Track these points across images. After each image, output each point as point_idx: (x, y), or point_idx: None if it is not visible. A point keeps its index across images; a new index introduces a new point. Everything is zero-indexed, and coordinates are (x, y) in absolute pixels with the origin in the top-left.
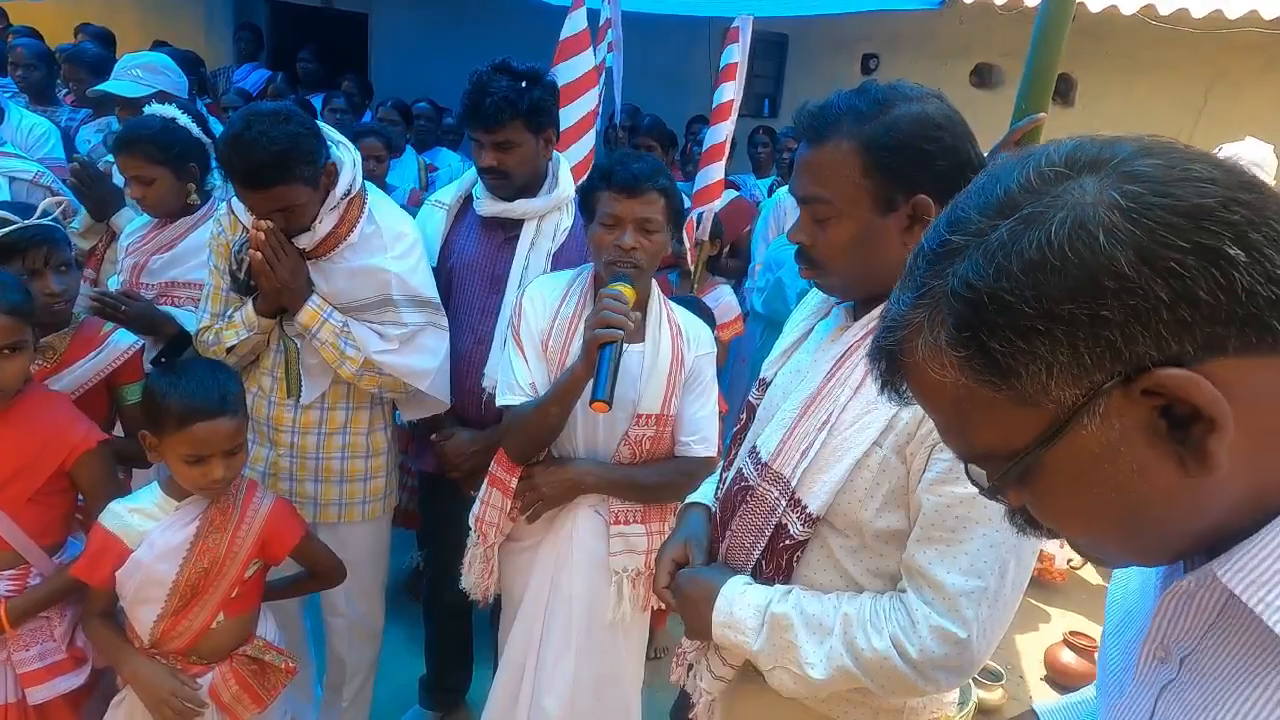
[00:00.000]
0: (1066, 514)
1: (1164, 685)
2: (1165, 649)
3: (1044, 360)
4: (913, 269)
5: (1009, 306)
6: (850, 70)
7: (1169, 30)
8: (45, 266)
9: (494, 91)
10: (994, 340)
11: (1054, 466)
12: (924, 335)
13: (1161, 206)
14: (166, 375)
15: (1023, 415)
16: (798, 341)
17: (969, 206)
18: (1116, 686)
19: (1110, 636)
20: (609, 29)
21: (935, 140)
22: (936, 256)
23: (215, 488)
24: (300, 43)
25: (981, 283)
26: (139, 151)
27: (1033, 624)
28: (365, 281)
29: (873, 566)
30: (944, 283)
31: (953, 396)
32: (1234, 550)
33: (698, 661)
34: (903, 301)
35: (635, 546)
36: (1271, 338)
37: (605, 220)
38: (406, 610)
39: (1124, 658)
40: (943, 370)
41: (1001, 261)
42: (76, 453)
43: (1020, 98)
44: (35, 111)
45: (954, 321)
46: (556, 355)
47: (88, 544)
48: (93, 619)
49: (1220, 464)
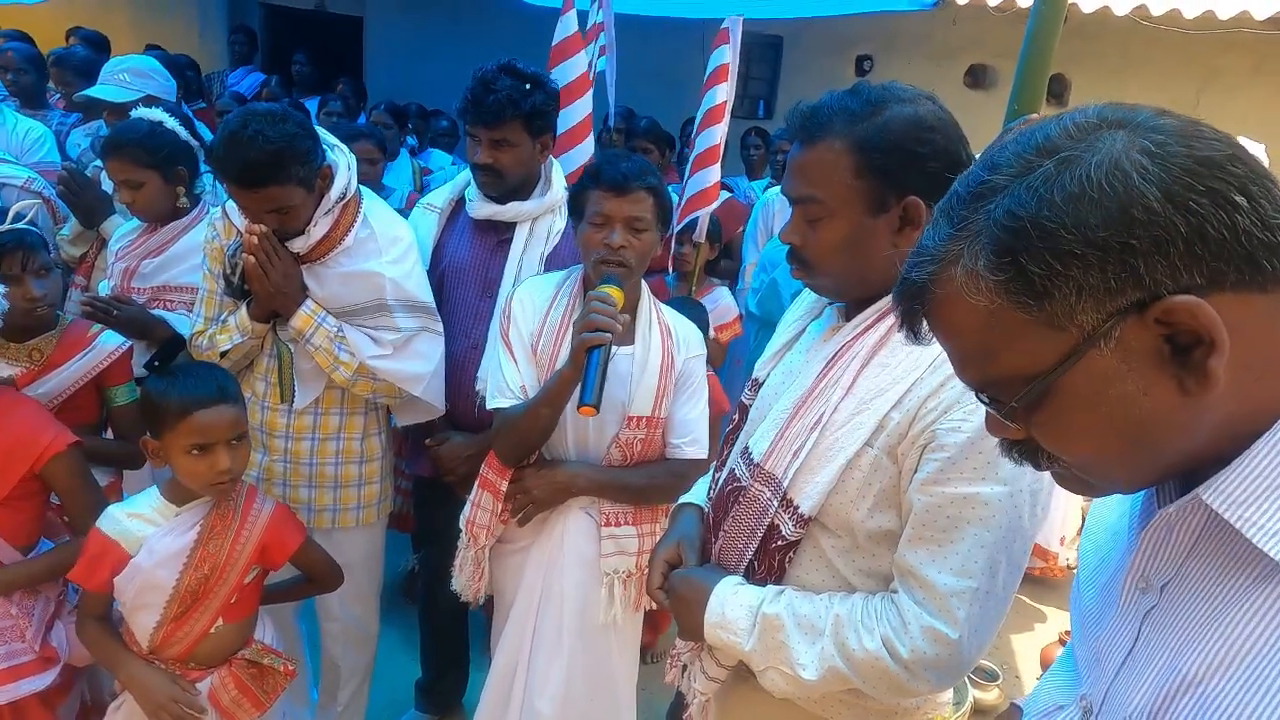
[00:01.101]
0: (1074, 435)
1: (1146, 612)
2: (1146, 580)
3: (1076, 283)
4: (948, 209)
5: (1050, 233)
6: (845, 71)
7: (1161, 31)
8: (23, 271)
9: (498, 90)
10: (1033, 264)
11: (1069, 389)
12: (962, 263)
13: (1182, 154)
14: (162, 378)
15: (1047, 339)
16: (790, 342)
17: (1006, 153)
18: (1095, 625)
19: (1086, 584)
20: (599, 33)
21: (927, 142)
22: (974, 195)
23: (223, 482)
24: (295, 46)
25: (1025, 211)
26: (126, 156)
27: (1028, 623)
28: (360, 286)
29: (865, 567)
30: (984, 215)
31: (982, 323)
32: (1216, 476)
33: (691, 662)
34: (939, 237)
35: (626, 548)
36: (1261, 277)
37: (594, 219)
38: (402, 614)
39: (1103, 597)
40: (978, 295)
41: (1044, 193)
42: (46, 455)
43: (1013, 98)
44: (27, 115)
45: (994, 248)
46: (546, 358)
47: (85, 548)
48: (89, 623)
49: (1218, 381)
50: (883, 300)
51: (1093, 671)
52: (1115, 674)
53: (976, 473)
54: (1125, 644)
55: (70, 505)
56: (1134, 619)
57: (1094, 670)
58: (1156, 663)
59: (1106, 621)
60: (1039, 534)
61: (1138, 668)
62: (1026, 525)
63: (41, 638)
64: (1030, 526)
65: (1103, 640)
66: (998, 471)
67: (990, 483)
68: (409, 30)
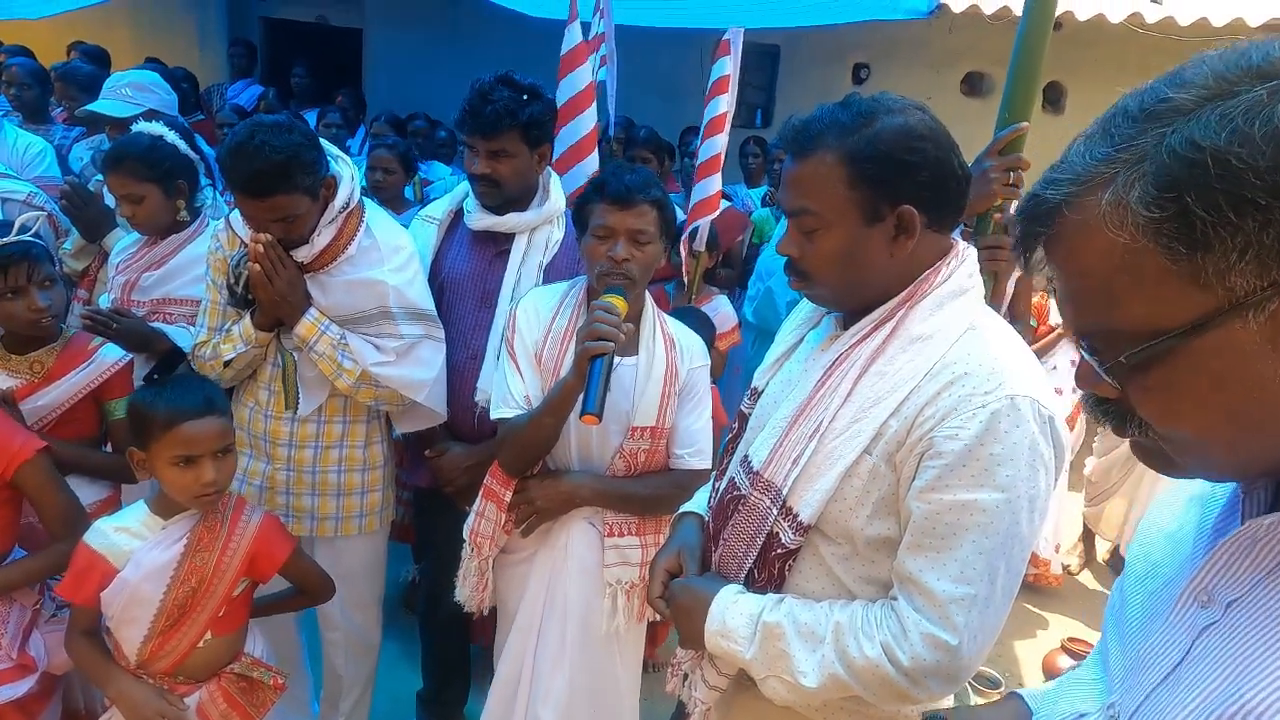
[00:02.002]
0: (1182, 409)
1: (1205, 627)
2: (1208, 594)
3: (1245, 238)
4: (1110, 124)
5: (1234, 174)
6: (842, 80)
7: (1156, 38)
8: (28, 283)
9: (495, 100)
10: (1200, 205)
11: (1193, 357)
12: (1113, 189)
13: None
14: (149, 390)
15: (1186, 295)
16: (789, 350)
17: (1203, 70)
18: (1137, 633)
19: (1132, 590)
20: (600, 43)
21: (918, 151)
22: (1149, 113)
23: (208, 494)
24: (294, 58)
25: (1210, 142)
26: (127, 170)
27: (1030, 630)
28: (363, 294)
29: (864, 574)
30: (1154, 139)
31: (1114, 263)
32: None
33: (693, 671)
34: (1091, 155)
35: (630, 558)
36: None
37: (598, 232)
38: (402, 625)
39: (1149, 605)
40: (1120, 230)
41: (1241, 125)
42: (15, 463)
43: (1003, 106)
44: (29, 130)
45: (1158, 180)
46: (550, 368)
47: (72, 562)
48: (77, 638)
49: None
50: (880, 309)
51: (1127, 680)
52: (1156, 686)
53: (975, 480)
54: (1173, 657)
55: (44, 512)
56: (1186, 632)
57: (1129, 679)
58: (1209, 682)
59: (1152, 631)
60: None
61: (1184, 684)
62: (1025, 532)
63: (18, 645)
64: (1028, 533)
65: (1146, 650)
66: (995, 478)
67: (988, 490)
68: (408, 42)
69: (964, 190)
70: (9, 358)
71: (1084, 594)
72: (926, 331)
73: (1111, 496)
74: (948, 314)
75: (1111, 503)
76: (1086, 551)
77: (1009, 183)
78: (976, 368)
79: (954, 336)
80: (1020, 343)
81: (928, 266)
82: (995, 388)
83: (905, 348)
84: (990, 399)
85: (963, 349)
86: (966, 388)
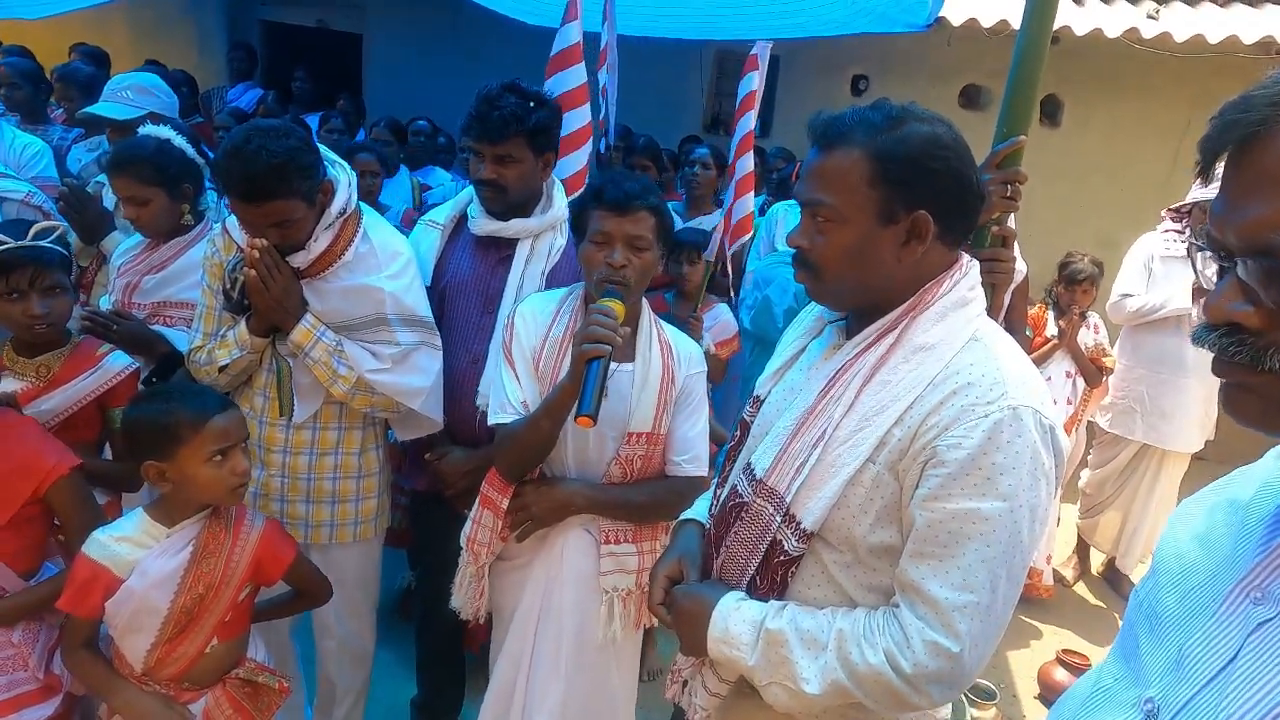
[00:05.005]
0: None
1: (1260, 623)
2: (1261, 590)
3: None
4: None
5: None
6: (840, 91)
7: (1153, 54)
8: (30, 288)
9: (502, 106)
10: None
11: None
12: None
13: None
14: (152, 402)
15: None
16: (791, 359)
17: None
18: (1176, 629)
19: (1166, 589)
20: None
21: (942, 160)
22: None
23: (242, 485)
24: (294, 62)
25: None
26: (133, 173)
27: (1025, 642)
28: (359, 300)
29: (867, 581)
30: None
31: None
32: None
33: (693, 678)
34: None
35: (626, 566)
36: None
37: (596, 238)
38: (397, 632)
39: (1189, 602)
40: None
41: None
42: (50, 479)
43: (1001, 120)
44: (26, 130)
45: None
46: (548, 374)
47: (72, 576)
48: (77, 651)
49: None
50: (884, 319)
51: (1169, 676)
52: (1205, 683)
53: (977, 489)
54: (1225, 653)
55: (70, 529)
56: (1238, 629)
57: (1172, 674)
58: (1268, 680)
59: (1194, 628)
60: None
61: (1239, 681)
62: (1026, 541)
63: (44, 666)
64: (1030, 542)
65: (1189, 646)
66: (998, 487)
67: (991, 498)
68: (409, 47)
69: (977, 208)
70: (17, 361)
71: (1078, 606)
72: (930, 341)
73: (1106, 509)
74: (951, 324)
75: (1106, 515)
76: (1081, 563)
77: (1007, 195)
78: (979, 378)
79: (957, 346)
80: (1022, 354)
81: (931, 278)
82: (998, 398)
83: (909, 357)
84: (993, 409)
85: (966, 359)
86: (969, 397)
